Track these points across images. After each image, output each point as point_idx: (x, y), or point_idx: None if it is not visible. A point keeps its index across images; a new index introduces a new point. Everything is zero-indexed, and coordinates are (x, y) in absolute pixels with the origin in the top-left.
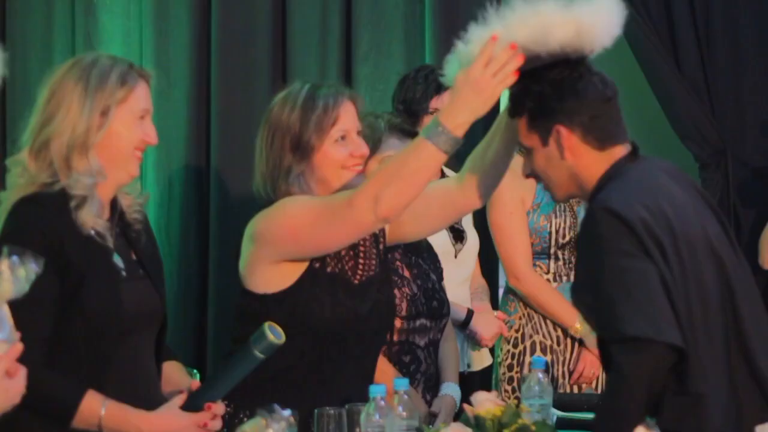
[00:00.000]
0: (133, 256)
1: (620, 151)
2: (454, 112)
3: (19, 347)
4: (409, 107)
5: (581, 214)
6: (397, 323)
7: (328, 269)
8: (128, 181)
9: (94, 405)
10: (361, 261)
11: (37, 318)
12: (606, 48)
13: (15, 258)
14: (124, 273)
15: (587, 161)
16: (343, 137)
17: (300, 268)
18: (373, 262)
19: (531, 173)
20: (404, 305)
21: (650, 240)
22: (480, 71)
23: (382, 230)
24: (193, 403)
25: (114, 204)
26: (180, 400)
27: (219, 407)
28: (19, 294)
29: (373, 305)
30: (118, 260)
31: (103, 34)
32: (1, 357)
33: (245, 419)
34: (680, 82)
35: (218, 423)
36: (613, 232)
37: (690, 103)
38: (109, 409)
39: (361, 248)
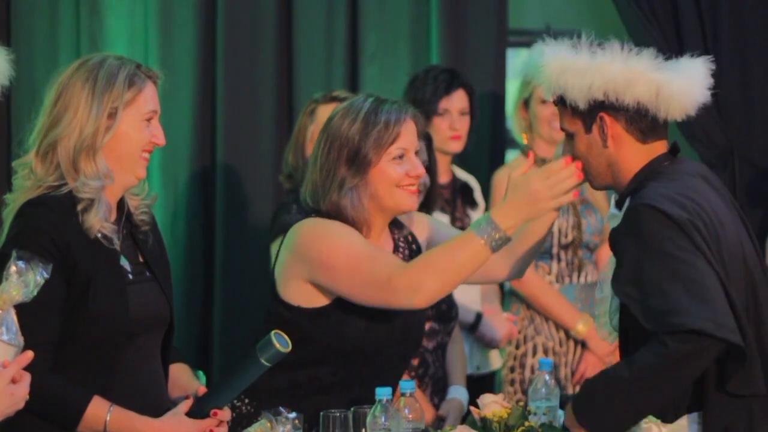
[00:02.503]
0: (140, 259)
1: (660, 147)
2: (509, 213)
3: (29, 355)
4: (418, 108)
5: (584, 214)
6: None
7: None
8: (135, 183)
9: (99, 411)
10: None
11: (43, 322)
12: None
13: (23, 263)
14: (130, 276)
15: (628, 152)
16: (401, 156)
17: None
18: None
19: (573, 157)
20: None
21: (701, 240)
22: (540, 183)
23: (418, 250)
24: (198, 409)
25: (121, 206)
26: (185, 406)
27: (225, 414)
28: (27, 298)
29: (404, 325)
30: (125, 263)
31: (108, 35)
32: (9, 364)
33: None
34: None
35: (223, 430)
36: (662, 228)
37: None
38: (114, 415)
39: None
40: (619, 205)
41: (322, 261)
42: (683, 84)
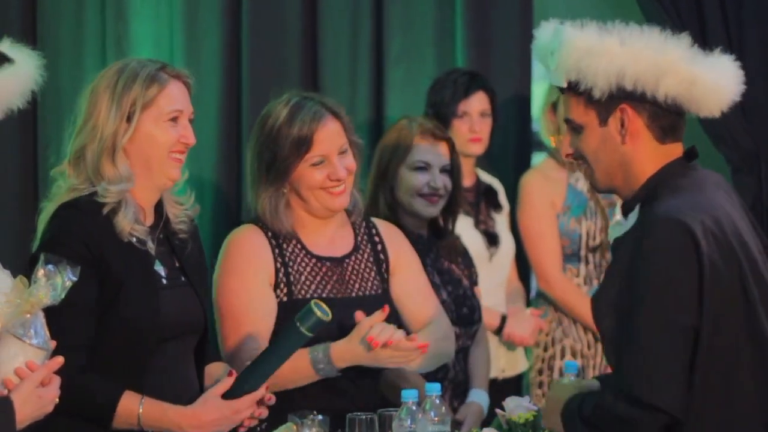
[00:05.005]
0: (176, 264)
1: (677, 150)
2: (346, 357)
3: (59, 360)
4: (438, 111)
5: (613, 217)
6: None
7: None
8: (169, 185)
9: (131, 404)
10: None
11: (77, 324)
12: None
13: (51, 266)
14: (164, 281)
15: (644, 152)
16: (321, 161)
17: None
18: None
19: (576, 154)
20: None
21: (715, 274)
22: (385, 353)
23: (383, 251)
24: (237, 388)
25: (159, 210)
26: (222, 386)
27: (261, 393)
28: (55, 301)
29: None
30: (159, 267)
31: (133, 39)
32: (38, 367)
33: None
34: None
35: (262, 411)
36: (674, 252)
37: None
38: (146, 407)
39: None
40: (626, 210)
41: (215, 281)
42: (717, 79)
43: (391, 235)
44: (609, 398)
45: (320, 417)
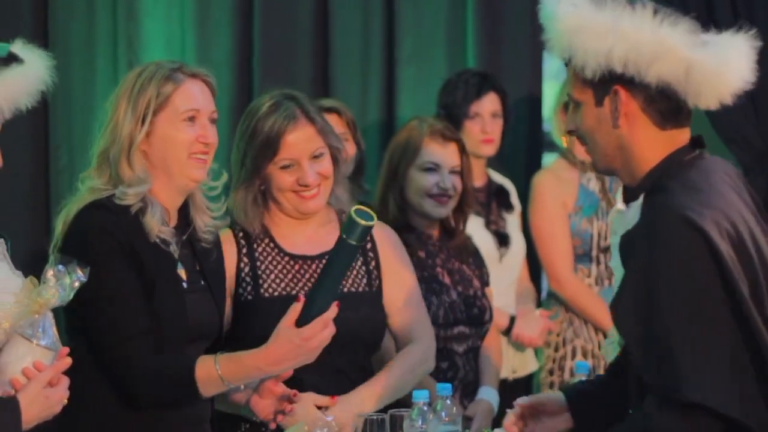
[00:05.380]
0: (196, 267)
1: (681, 136)
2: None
3: (67, 362)
4: (450, 112)
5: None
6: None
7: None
8: (191, 186)
9: (208, 368)
10: None
11: (133, 313)
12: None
13: (61, 266)
14: (185, 284)
15: (644, 137)
16: (289, 165)
17: None
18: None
19: (575, 131)
20: (441, 313)
21: (736, 273)
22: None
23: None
24: (307, 313)
25: (184, 214)
26: (292, 315)
27: (332, 312)
28: (63, 302)
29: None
30: (180, 270)
31: (145, 39)
32: (45, 368)
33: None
34: None
35: (331, 329)
36: (691, 252)
37: (733, 106)
38: (222, 366)
39: None
40: (628, 198)
41: None
42: (719, 66)
43: (383, 236)
44: (655, 414)
45: (330, 417)
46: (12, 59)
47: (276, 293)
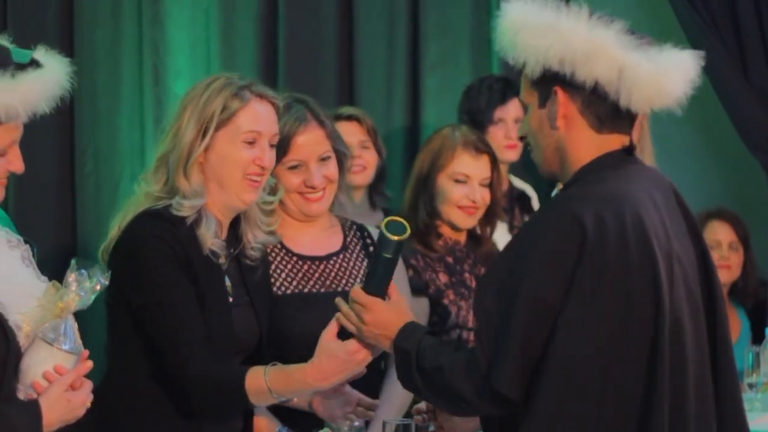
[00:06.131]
0: (242, 282)
1: (616, 142)
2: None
3: (88, 365)
4: (474, 118)
5: None
6: (464, 334)
7: None
8: (242, 207)
9: (258, 379)
10: None
11: (189, 320)
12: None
13: (83, 270)
14: (231, 298)
15: (579, 139)
16: (297, 166)
17: None
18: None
19: (524, 134)
20: (470, 317)
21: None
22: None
23: (372, 243)
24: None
25: (234, 227)
26: (332, 327)
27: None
28: (84, 306)
29: None
30: (227, 283)
31: (170, 45)
32: (67, 371)
33: None
34: (747, 90)
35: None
36: (561, 243)
37: (758, 111)
38: (272, 378)
39: None
40: None
41: None
42: (653, 70)
43: None
44: (461, 366)
45: (357, 423)
46: (30, 63)
47: (289, 291)
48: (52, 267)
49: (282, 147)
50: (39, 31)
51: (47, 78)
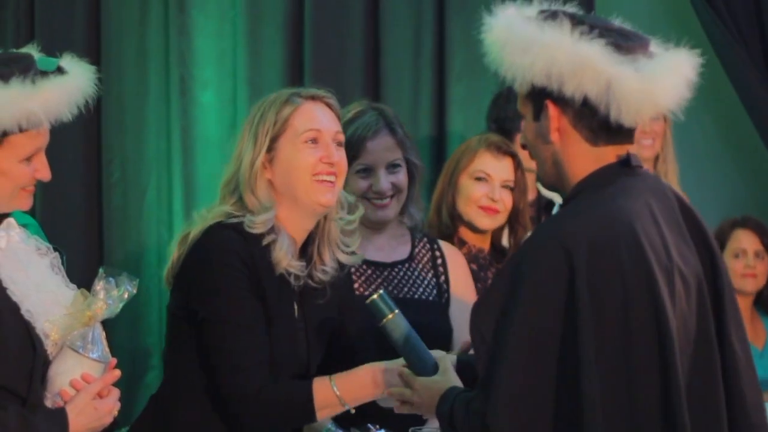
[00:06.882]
0: (302, 304)
1: (612, 154)
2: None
3: (116, 374)
4: (501, 125)
5: None
6: None
7: None
8: (320, 210)
9: (325, 390)
10: None
11: (254, 342)
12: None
13: (111, 279)
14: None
15: (575, 152)
16: (365, 170)
17: None
18: None
19: (524, 143)
20: None
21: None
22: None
23: (443, 263)
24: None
25: (304, 248)
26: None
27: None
28: (112, 314)
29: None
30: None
31: (196, 56)
32: (94, 380)
33: None
34: None
35: None
36: (550, 267)
37: None
38: (340, 386)
39: None
40: None
41: None
42: (642, 82)
43: (454, 258)
44: (467, 419)
45: (382, 431)
46: (54, 71)
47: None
48: (79, 275)
49: (352, 150)
50: (66, 42)
51: (69, 84)
